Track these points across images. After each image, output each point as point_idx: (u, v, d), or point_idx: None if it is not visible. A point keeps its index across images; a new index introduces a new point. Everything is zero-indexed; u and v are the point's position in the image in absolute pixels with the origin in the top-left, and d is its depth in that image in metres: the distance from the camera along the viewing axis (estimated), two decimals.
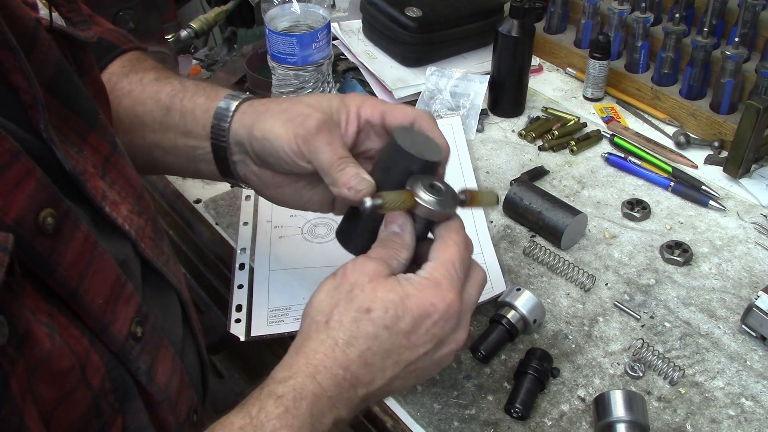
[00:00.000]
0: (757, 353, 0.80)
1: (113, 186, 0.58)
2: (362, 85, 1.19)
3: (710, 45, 1.08)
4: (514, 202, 0.96)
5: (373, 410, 0.76)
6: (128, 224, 0.58)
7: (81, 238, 0.49)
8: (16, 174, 0.44)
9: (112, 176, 0.59)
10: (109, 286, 0.51)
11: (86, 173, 0.55)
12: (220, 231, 0.98)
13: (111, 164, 0.60)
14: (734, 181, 1.04)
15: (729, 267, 0.91)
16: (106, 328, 0.51)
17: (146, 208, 0.63)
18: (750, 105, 0.96)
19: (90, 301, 0.49)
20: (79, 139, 0.57)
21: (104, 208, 0.55)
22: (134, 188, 0.62)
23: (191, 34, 1.24)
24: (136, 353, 0.53)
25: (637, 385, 0.77)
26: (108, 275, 0.51)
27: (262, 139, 0.69)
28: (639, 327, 0.84)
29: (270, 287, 0.87)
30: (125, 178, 0.61)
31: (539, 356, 0.76)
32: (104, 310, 0.50)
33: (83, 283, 0.49)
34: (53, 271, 0.47)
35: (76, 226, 0.49)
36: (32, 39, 0.55)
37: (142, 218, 0.61)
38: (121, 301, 0.52)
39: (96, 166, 0.57)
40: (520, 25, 1.10)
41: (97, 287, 0.50)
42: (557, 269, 0.90)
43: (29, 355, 0.43)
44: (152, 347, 0.56)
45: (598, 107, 1.19)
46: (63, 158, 0.52)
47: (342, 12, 1.38)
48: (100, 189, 0.56)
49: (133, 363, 0.53)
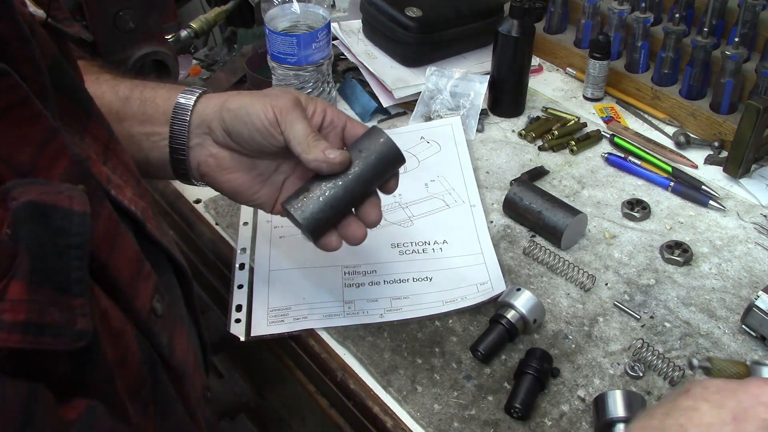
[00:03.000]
0: (757, 353, 0.80)
1: (115, 171, 0.59)
2: (362, 85, 1.19)
3: (710, 45, 1.08)
4: (514, 202, 0.96)
5: (373, 410, 0.76)
6: (134, 206, 0.59)
7: (107, 213, 0.50)
8: (53, 150, 0.46)
9: (113, 162, 0.60)
10: (132, 263, 0.52)
11: (90, 159, 0.56)
12: (220, 231, 0.98)
13: (111, 151, 0.61)
14: (734, 181, 1.04)
15: (729, 267, 0.91)
16: (132, 302, 0.52)
17: (145, 192, 0.64)
18: (750, 105, 0.96)
19: (118, 275, 0.50)
20: (81, 127, 0.58)
21: (110, 191, 0.56)
22: (132, 173, 0.63)
23: (191, 34, 1.24)
24: (158, 328, 0.54)
25: (637, 385, 0.77)
26: (130, 251, 0.52)
27: (237, 109, 0.71)
28: (639, 327, 0.84)
29: (270, 287, 0.88)
30: (124, 164, 0.62)
31: (539, 356, 0.76)
32: (130, 284, 0.51)
33: (111, 258, 0.50)
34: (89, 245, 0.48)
35: (101, 202, 0.50)
36: (31, 32, 0.55)
37: (143, 201, 0.62)
38: (141, 277, 0.53)
39: (98, 153, 0.58)
40: (520, 25, 1.10)
41: (123, 262, 0.51)
42: (557, 269, 0.90)
43: (95, 307, 0.45)
44: (170, 323, 0.57)
45: (598, 107, 1.19)
46: (69, 143, 0.52)
47: (342, 12, 1.38)
48: (105, 174, 0.57)
49: (157, 337, 0.54)
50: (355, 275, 0.88)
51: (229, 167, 0.75)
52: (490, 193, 1.02)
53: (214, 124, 0.73)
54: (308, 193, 0.71)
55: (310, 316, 0.84)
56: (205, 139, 0.74)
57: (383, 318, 0.83)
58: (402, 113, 1.18)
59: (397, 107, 1.18)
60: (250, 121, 0.71)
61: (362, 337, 0.82)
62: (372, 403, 0.77)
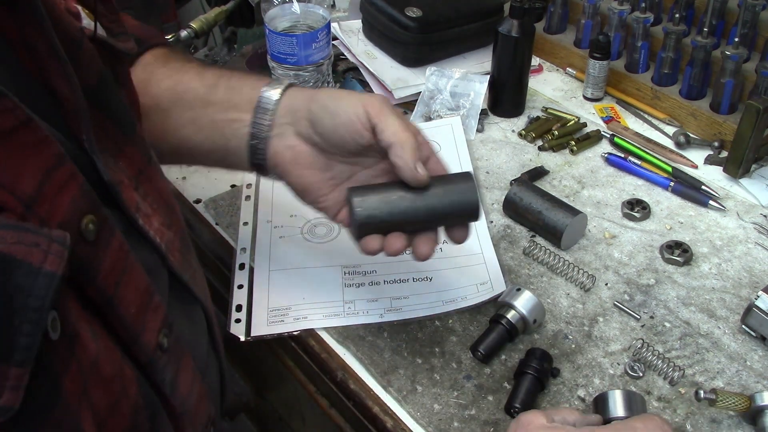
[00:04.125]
0: (757, 353, 0.80)
1: (146, 198, 0.58)
2: (362, 85, 1.19)
3: (710, 45, 1.08)
4: (514, 202, 0.96)
5: (373, 410, 0.76)
6: (159, 237, 0.58)
7: (116, 245, 0.48)
8: (60, 178, 0.44)
9: (145, 188, 0.59)
10: (140, 295, 0.51)
11: (122, 184, 0.54)
12: (220, 231, 0.98)
13: (145, 176, 0.59)
14: (734, 181, 1.04)
15: (729, 267, 0.91)
16: (137, 337, 0.50)
17: (176, 221, 0.63)
18: (750, 105, 0.96)
19: (124, 310, 0.49)
20: (116, 149, 0.56)
21: (138, 220, 0.55)
22: (165, 201, 0.62)
23: (191, 34, 1.24)
24: (163, 364, 0.53)
25: (637, 385, 0.77)
26: (139, 284, 0.51)
27: (326, 100, 0.72)
28: (639, 327, 0.84)
29: (270, 287, 0.88)
30: (157, 191, 0.61)
31: (539, 356, 0.76)
32: (136, 319, 0.50)
33: (118, 292, 0.48)
34: (93, 279, 0.46)
35: (112, 233, 0.48)
36: (78, 48, 0.54)
37: (172, 231, 0.61)
38: (149, 311, 0.52)
39: (130, 177, 0.57)
40: (520, 25, 1.10)
41: (130, 296, 0.49)
42: (557, 269, 0.90)
43: (81, 356, 0.43)
44: (176, 358, 0.55)
45: (598, 107, 1.19)
46: (102, 168, 0.51)
47: (342, 12, 1.38)
48: (134, 200, 0.56)
49: (160, 374, 0.53)
50: (355, 275, 0.88)
51: (304, 163, 0.74)
52: (490, 193, 1.02)
53: (300, 113, 0.72)
54: (375, 190, 0.71)
55: (310, 316, 0.84)
56: (287, 129, 0.73)
57: (383, 318, 0.83)
58: (402, 113, 1.18)
59: (397, 107, 1.18)
60: (337, 113, 0.70)
61: (362, 337, 0.82)
62: (372, 403, 0.77)
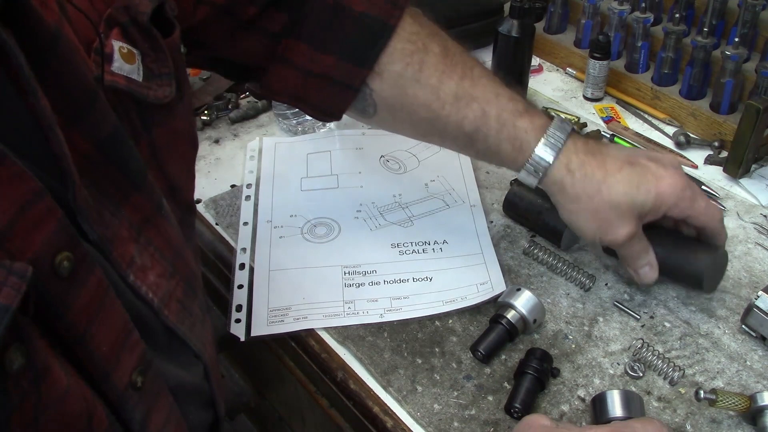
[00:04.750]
0: (757, 353, 0.80)
1: (147, 248, 0.57)
2: None
3: (710, 45, 1.08)
4: (514, 202, 0.96)
5: (373, 410, 0.76)
6: (152, 292, 0.56)
7: (94, 282, 0.47)
8: (37, 214, 0.43)
9: (148, 236, 0.57)
10: (116, 333, 0.50)
11: (116, 238, 0.53)
12: (220, 231, 0.98)
13: (150, 225, 0.58)
14: (734, 181, 1.04)
15: (729, 267, 0.91)
16: (108, 376, 0.49)
17: (183, 267, 0.61)
18: (750, 105, 0.96)
19: (96, 348, 0.47)
20: (121, 197, 0.55)
21: (128, 277, 0.54)
22: (172, 248, 0.60)
23: None
24: (134, 403, 0.52)
25: (637, 385, 0.77)
26: (116, 323, 0.50)
27: (566, 218, 0.81)
28: (639, 327, 0.84)
29: (270, 287, 0.88)
30: (164, 239, 0.59)
31: (539, 356, 0.76)
32: (108, 357, 0.49)
33: (91, 329, 0.47)
34: (63, 315, 0.45)
35: (90, 270, 0.47)
36: (92, 97, 0.53)
37: (173, 280, 0.59)
38: (125, 349, 0.51)
39: (132, 225, 0.56)
40: (520, 25, 1.10)
41: (104, 333, 0.48)
42: (557, 269, 0.90)
43: (45, 392, 0.42)
44: (151, 397, 0.54)
45: (598, 107, 1.19)
46: (89, 228, 0.50)
47: None
48: (129, 255, 0.54)
49: (129, 412, 0.51)
50: (355, 275, 0.89)
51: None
52: (490, 193, 1.02)
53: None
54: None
55: (310, 316, 0.84)
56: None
57: (383, 318, 0.83)
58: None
59: None
60: (575, 229, 0.82)
61: (362, 337, 0.82)
62: (372, 403, 0.77)
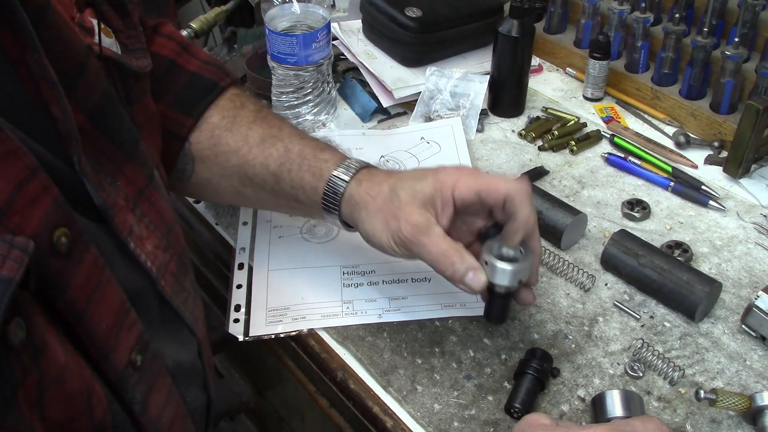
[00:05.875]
0: (757, 353, 0.80)
1: (142, 219, 0.58)
2: (362, 85, 1.19)
3: (710, 45, 1.08)
4: None
5: (373, 410, 0.76)
6: (151, 260, 0.57)
7: (91, 260, 0.48)
8: (33, 190, 0.44)
9: (143, 209, 0.58)
10: (114, 312, 0.50)
11: (116, 207, 0.54)
12: (220, 231, 0.98)
13: (144, 197, 0.59)
14: (734, 181, 1.04)
15: (729, 267, 0.91)
16: (108, 355, 0.50)
17: (174, 242, 0.62)
18: (750, 105, 0.96)
19: (95, 326, 0.48)
20: (115, 169, 0.56)
21: (129, 244, 0.55)
22: (165, 222, 0.61)
23: (191, 34, 1.24)
24: (134, 382, 0.52)
25: (637, 385, 0.77)
26: (114, 301, 0.50)
27: (365, 235, 0.75)
28: (639, 327, 0.84)
29: (269, 287, 0.88)
30: (157, 212, 0.60)
31: (539, 356, 0.76)
32: (107, 336, 0.49)
33: (90, 307, 0.48)
34: (63, 292, 0.46)
35: (86, 248, 0.48)
36: (81, 67, 0.54)
37: (167, 253, 0.60)
38: (124, 328, 0.51)
39: (128, 198, 0.57)
40: (520, 25, 1.10)
41: (102, 312, 0.49)
42: (557, 269, 0.90)
43: (45, 367, 0.43)
44: (150, 377, 0.55)
45: (598, 107, 1.19)
46: (93, 192, 0.51)
47: (342, 12, 1.38)
48: (128, 223, 0.55)
49: (130, 392, 0.52)
50: (354, 275, 0.88)
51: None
52: None
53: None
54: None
55: (308, 316, 0.84)
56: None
57: (382, 318, 0.83)
58: (402, 113, 1.18)
59: (397, 107, 1.18)
60: (380, 247, 0.75)
61: (362, 337, 0.82)
62: (372, 403, 0.77)
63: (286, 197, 0.80)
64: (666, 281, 0.84)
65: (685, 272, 0.84)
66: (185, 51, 0.83)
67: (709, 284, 0.82)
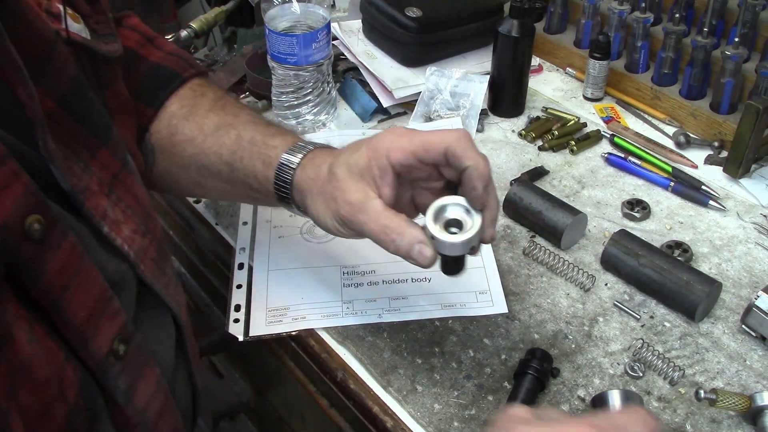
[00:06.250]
0: (757, 353, 0.80)
1: (118, 204, 0.58)
2: (362, 85, 1.19)
3: (710, 45, 1.08)
4: (514, 202, 0.96)
5: (373, 410, 0.76)
6: (128, 245, 0.57)
7: (68, 247, 0.48)
8: (3, 178, 0.44)
9: (118, 194, 0.58)
10: (93, 300, 0.50)
11: (87, 191, 0.54)
12: (220, 231, 0.98)
13: (119, 181, 0.59)
14: (734, 181, 1.04)
15: (729, 267, 0.91)
16: (86, 342, 0.49)
17: (153, 228, 0.62)
18: (750, 105, 0.96)
19: (72, 314, 0.48)
20: (88, 155, 0.56)
21: (102, 228, 0.54)
22: (142, 207, 0.61)
23: (191, 34, 1.24)
24: (116, 371, 0.52)
25: (637, 385, 0.77)
26: (93, 289, 0.50)
27: (314, 220, 0.72)
28: (639, 327, 0.84)
29: (269, 287, 0.87)
30: (133, 197, 0.60)
31: (539, 356, 0.76)
32: (86, 324, 0.49)
33: (66, 294, 0.47)
34: (37, 279, 0.46)
35: (63, 235, 0.48)
36: (49, 52, 0.54)
37: (146, 238, 0.60)
38: (105, 316, 0.51)
39: (102, 182, 0.56)
40: (520, 25, 1.10)
41: (80, 299, 0.49)
42: (557, 269, 0.90)
43: (11, 357, 0.43)
44: (135, 367, 0.54)
45: (598, 107, 1.19)
46: (60, 176, 0.51)
47: (342, 12, 1.38)
48: (101, 208, 0.55)
49: (112, 381, 0.52)
50: (354, 275, 0.88)
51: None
52: None
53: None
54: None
55: (308, 316, 0.84)
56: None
57: (381, 318, 0.83)
58: (402, 113, 1.18)
59: (397, 107, 1.18)
60: (326, 229, 0.72)
61: (362, 337, 0.82)
62: (372, 403, 0.77)
63: (242, 187, 0.78)
64: (666, 281, 0.84)
65: (685, 272, 0.84)
66: (149, 43, 0.82)
67: (709, 284, 0.82)
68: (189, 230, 1.02)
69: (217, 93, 0.83)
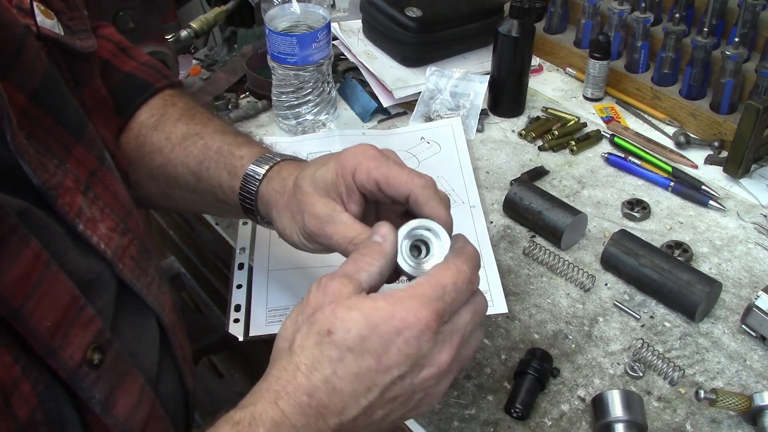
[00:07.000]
0: (757, 353, 0.80)
1: (96, 202, 0.57)
2: (362, 85, 1.19)
3: (710, 45, 1.08)
4: (514, 202, 0.96)
5: None
6: (105, 243, 0.55)
7: (30, 256, 0.47)
8: None
9: (96, 191, 0.57)
10: (62, 309, 0.48)
11: (61, 187, 0.53)
12: (219, 231, 0.98)
13: (96, 179, 0.58)
14: (734, 181, 1.04)
15: (729, 267, 0.91)
16: (54, 352, 0.48)
17: (134, 226, 0.61)
18: (750, 105, 0.96)
19: (36, 323, 0.46)
20: (63, 151, 0.55)
21: (77, 226, 0.53)
22: (122, 205, 0.60)
23: (191, 34, 1.24)
24: (91, 381, 0.50)
25: (637, 385, 0.77)
26: (61, 297, 0.49)
27: (280, 234, 0.71)
28: (639, 327, 0.84)
29: (269, 287, 0.87)
30: (112, 194, 0.59)
31: (539, 356, 0.76)
32: (53, 333, 0.48)
33: (29, 304, 0.46)
34: None
35: (24, 243, 0.46)
36: (18, 47, 0.53)
37: (126, 237, 0.59)
38: (76, 325, 0.49)
39: (78, 180, 0.55)
40: (520, 25, 1.10)
41: (45, 308, 0.47)
42: (557, 269, 0.90)
43: None
44: (114, 376, 0.53)
45: (598, 107, 1.19)
46: (30, 171, 0.50)
47: (342, 12, 1.38)
48: (76, 205, 0.54)
49: (86, 391, 0.50)
50: None
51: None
52: (490, 193, 1.02)
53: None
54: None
55: None
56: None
57: None
58: (402, 113, 1.18)
59: (397, 107, 1.18)
60: (292, 243, 0.70)
61: None
62: None
63: (209, 197, 0.77)
64: (666, 281, 0.84)
65: (685, 272, 0.84)
66: (123, 52, 0.81)
67: (709, 284, 0.82)
68: (189, 230, 1.02)
69: (188, 103, 0.82)
